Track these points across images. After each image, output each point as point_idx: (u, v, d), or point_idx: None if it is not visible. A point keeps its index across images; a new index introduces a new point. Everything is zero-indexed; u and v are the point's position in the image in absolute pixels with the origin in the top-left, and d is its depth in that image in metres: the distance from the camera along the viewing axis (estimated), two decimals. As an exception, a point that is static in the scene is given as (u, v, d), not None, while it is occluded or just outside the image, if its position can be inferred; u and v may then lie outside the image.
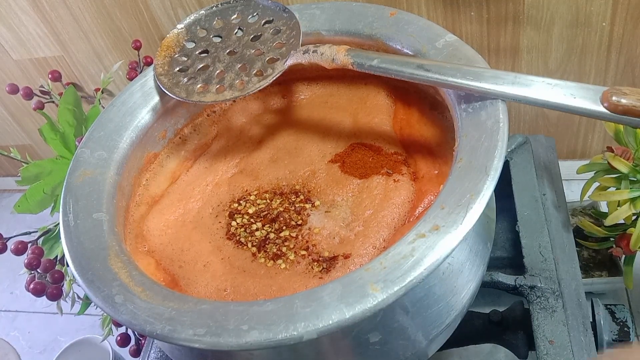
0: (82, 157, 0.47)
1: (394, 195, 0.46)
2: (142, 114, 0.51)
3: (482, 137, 0.38)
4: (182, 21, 0.54)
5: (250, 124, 0.56)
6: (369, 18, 0.50)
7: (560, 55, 0.91)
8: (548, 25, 0.87)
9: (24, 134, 1.34)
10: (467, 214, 0.35)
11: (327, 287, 0.34)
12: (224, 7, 0.54)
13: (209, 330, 0.34)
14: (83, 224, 0.43)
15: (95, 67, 1.12)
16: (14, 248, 0.75)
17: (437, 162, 0.47)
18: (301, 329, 0.33)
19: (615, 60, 0.90)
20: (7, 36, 1.10)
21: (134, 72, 0.92)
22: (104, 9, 1.01)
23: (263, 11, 0.52)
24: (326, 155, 0.51)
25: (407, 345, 0.41)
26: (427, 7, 0.88)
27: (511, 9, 0.86)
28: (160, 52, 0.53)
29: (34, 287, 0.74)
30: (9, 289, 1.26)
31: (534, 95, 0.38)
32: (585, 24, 0.86)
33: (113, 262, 0.40)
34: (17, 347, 1.09)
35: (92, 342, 1.00)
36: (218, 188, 0.51)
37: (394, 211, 0.45)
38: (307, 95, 0.56)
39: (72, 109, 0.82)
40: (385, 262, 0.34)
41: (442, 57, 0.44)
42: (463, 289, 0.42)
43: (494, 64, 0.95)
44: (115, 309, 0.37)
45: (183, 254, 0.47)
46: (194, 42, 0.53)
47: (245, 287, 0.43)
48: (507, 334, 0.54)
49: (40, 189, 0.78)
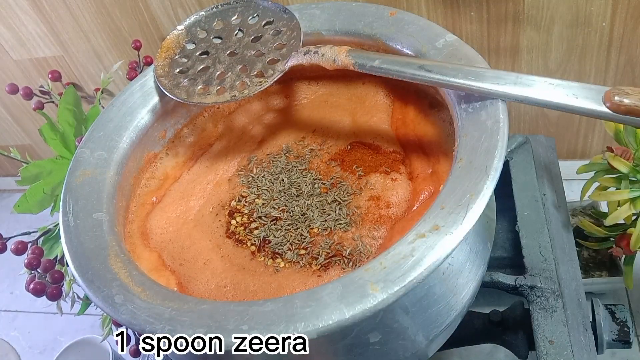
0: (82, 157, 0.47)
1: (392, 194, 0.46)
2: (142, 114, 0.51)
3: (482, 137, 0.38)
4: (182, 22, 0.54)
5: (251, 123, 0.56)
6: (369, 18, 0.50)
7: (560, 55, 0.91)
8: (548, 25, 0.87)
9: (24, 134, 1.34)
10: (467, 214, 0.35)
11: (327, 287, 0.34)
12: (224, 8, 0.54)
13: (209, 330, 0.34)
14: (83, 224, 0.43)
15: (95, 67, 1.12)
16: (14, 248, 0.75)
17: (431, 161, 0.47)
18: (301, 329, 0.33)
19: (615, 60, 0.90)
20: (7, 36, 1.10)
21: (134, 72, 0.92)
22: (103, 8, 1.01)
23: (263, 12, 0.52)
24: (326, 154, 0.51)
25: (407, 345, 0.41)
26: (427, 7, 0.88)
27: (511, 9, 0.86)
28: (161, 53, 0.53)
29: (34, 287, 0.73)
30: (9, 289, 1.26)
31: (536, 96, 0.38)
32: (585, 24, 0.86)
33: (113, 262, 0.40)
34: (17, 347, 1.09)
35: (92, 342, 1.00)
36: (218, 187, 0.51)
37: (392, 210, 0.46)
38: (307, 95, 0.57)
39: (72, 109, 0.82)
40: (385, 262, 0.34)
41: (442, 57, 0.44)
42: (463, 289, 0.42)
43: (494, 64, 0.95)
44: (115, 309, 0.37)
45: (184, 251, 0.47)
46: (194, 44, 0.53)
47: (245, 284, 0.43)
48: (507, 334, 0.54)
49: (40, 189, 0.78)
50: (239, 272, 0.45)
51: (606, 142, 1.03)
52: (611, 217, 0.61)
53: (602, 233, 0.69)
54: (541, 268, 0.54)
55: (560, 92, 0.38)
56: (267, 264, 0.45)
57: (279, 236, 0.46)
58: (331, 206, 0.47)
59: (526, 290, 0.53)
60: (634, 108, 0.36)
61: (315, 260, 0.44)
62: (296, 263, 0.44)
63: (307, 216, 0.46)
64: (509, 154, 0.63)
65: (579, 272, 0.54)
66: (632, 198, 0.60)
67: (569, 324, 0.50)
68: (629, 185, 0.60)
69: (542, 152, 0.65)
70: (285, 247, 0.45)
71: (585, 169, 0.65)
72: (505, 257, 0.64)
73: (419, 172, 0.47)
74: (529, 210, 0.58)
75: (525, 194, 0.59)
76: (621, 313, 0.54)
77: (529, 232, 0.56)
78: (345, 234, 0.45)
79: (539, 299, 0.52)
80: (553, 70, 0.93)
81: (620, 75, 0.92)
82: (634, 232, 0.61)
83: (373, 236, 0.44)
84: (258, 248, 0.46)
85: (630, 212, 0.60)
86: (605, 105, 0.37)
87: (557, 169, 0.63)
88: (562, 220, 0.58)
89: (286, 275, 0.43)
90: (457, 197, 0.36)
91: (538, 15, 0.86)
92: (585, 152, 1.06)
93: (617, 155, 0.60)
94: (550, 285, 0.52)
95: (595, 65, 0.91)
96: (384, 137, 0.51)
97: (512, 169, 0.62)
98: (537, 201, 0.59)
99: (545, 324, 0.50)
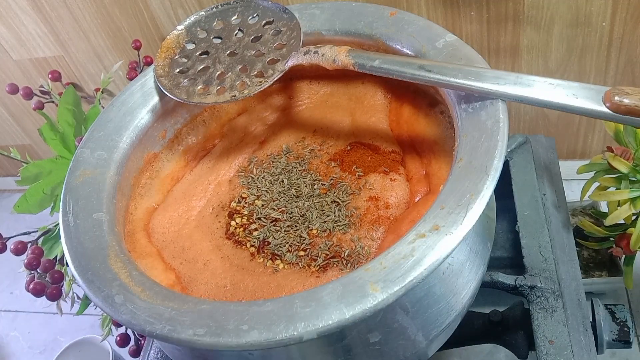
0: (82, 157, 0.47)
1: (391, 195, 0.46)
2: (142, 114, 0.51)
3: (482, 137, 0.38)
4: (182, 22, 0.54)
5: (253, 124, 0.56)
6: (369, 18, 0.50)
7: (560, 55, 0.91)
8: (548, 25, 0.87)
9: (24, 134, 1.34)
10: (467, 214, 0.35)
11: (327, 287, 0.34)
12: (223, 8, 0.54)
13: (209, 330, 0.34)
14: (83, 224, 0.43)
15: (95, 67, 1.12)
16: (13, 248, 0.75)
17: (424, 163, 0.47)
18: (301, 329, 0.33)
19: (615, 60, 0.90)
20: (7, 36, 1.10)
21: (134, 72, 0.92)
22: (103, 8, 1.01)
23: (263, 12, 0.52)
24: (326, 154, 0.51)
25: (407, 345, 0.41)
26: (427, 7, 0.88)
27: (511, 9, 0.86)
28: (161, 53, 0.53)
29: (33, 287, 0.74)
30: (9, 289, 1.26)
31: (536, 96, 0.38)
32: (585, 24, 0.86)
33: (113, 262, 0.40)
34: (17, 347, 1.09)
35: (92, 342, 1.00)
36: (219, 187, 0.51)
37: (391, 211, 0.46)
38: (309, 95, 0.56)
39: (72, 109, 0.82)
40: (385, 262, 0.34)
41: (442, 57, 0.44)
42: (463, 289, 0.42)
43: (494, 64, 0.95)
44: (115, 309, 0.37)
45: (184, 252, 0.47)
46: (194, 44, 0.53)
47: (244, 284, 0.44)
48: (507, 334, 0.54)
49: (40, 189, 0.78)
50: (238, 272, 0.45)
51: (606, 142, 1.03)
52: (611, 217, 0.61)
53: (602, 233, 0.69)
54: (541, 268, 0.54)
55: (560, 92, 0.38)
56: (266, 265, 0.45)
57: (278, 237, 0.46)
58: (330, 207, 0.47)
59: (526, 290, 0.53)
60: (634, 108, 0.36)
61: (314, 261, 0.44)
62: (295, 264, 0.44)
63: (306, 217, 0.46)
64: (509, 154, 0.63)
65: (579, 272, 0.54)
66: (632, 198, 0.60)
67: (569, 324, 0.50)
68: (629, 185, 0.60)
69: (542, 152, 0.65)
70: (284, 248, 0.45)
71: (585, 169, 0.65)
72: (505, 257, 0.64)
73: (414, 174, 0.47)
74: (529, 210, 0.58)
75: (525, 194, 0.59)
76: (621, 313, 0.54)
77: (529, 232, 0.56)
78: (344, 236, 0.45)
79: (539, 299, 0.52)
80: (553, 70, 0.93)
81: (620, 75, 0.92)
82: (634, 232, 0.61)
83: (372, 237, 0.44)
84: (257, 249, 0.46)
85: (630, 212, 0.60)
86: (605, 105, 0.37)
87: (557, 169, 0.63)
88: (562, 220, 0.58)
89: (285, 276, 0.44)
90: (457, 197, 0.36)
91: (538, 15, 0.86)
92: (585, 152, 1.06)
93: (617, 155, 0.60)
94: (550, 285, 0.52)
95: (595, 65, 0.91)
96: (382, 137, 0.51)
97: (512, 169, 0.62)
98: (537, 201, 0.59)
99: (545, 324, 0.50)
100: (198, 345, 0.34)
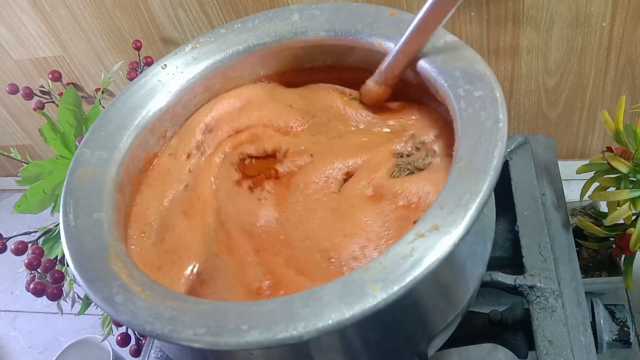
0: (82, 157, 0.47)
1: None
2: (142, 114, 0.51)
3: (482, 137, 0.38)
4: None
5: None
6: (369, 18, 0.50)
7: (560, 55, 0.91)
8: (548, 25, 0.87)
9: (24, 134, 1.34)
10: (467, 214, 0.35)
11: (326, 287, 0.34)
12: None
13: (209, 330, 0.34)
14: (83, 224, 0.43)
15: (95, 67, 1.13)
16: (14, 248, 0.75)
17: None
18: (301, 329, 0.33)
19: (615, 60, 0.90)
20: (7, 36, 1.10)
21: (134, 72, 0.92)
22: (104, 8, 1.01)
23: None
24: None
25: (407, 345, 0.41)
26: (427, 7, 0.88)
27: (511, 9, 0.86)
28: None
29: (34, 287, 0.74)
30: (9, 289, 1.26)
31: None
32: (585, 24, 0.86)
33: (113, 262, 0.40)
34: (17, 347, 1.10)
35: (92, 342, 1.00)
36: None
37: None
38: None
39: (73, 109, 0.83)
40: (385, 262, 0.34)
41: (442, 57, 0.44)
42: (463, 288, 0.42)
43: (493, 64, 0.95)
44: (116, 309, 0.37)
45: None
46: None
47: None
48: (507, 334, 0.54)
49: (40, 189, 0.78)
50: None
51: (606, 142, 1.03)
52: (611, 217, 0.61)
53: (601, 233, 0.69)
54: (541, 268, 0.54)
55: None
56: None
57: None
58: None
59: (526, 290, 0.53)
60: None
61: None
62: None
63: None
64: (508, 154, 0.63)
65: (579, 272, 0.54)
66: (631, 198, 0.60)
67: (569, 324, 0.50)
68: (628, 185, 0.60)
69: (542, 152, 0.65)
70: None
71: (585, 169, 0.65)
72: (505, 257, 0.64)
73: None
74: (528, 210, 0.58)
75: (525, 194, 0.60)
76: (621, 313, 0.54)
77: (529, 232, 0.56)
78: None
79: (538, 299, 0.52)
80: (553, 70, 0.93)
81: (620, 75, 0.92)
82: (634, 232, 0.61)
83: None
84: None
85: (630, 212, 0.60)
86: None
87: (557, 169, 0.63)
88: (561, 220, 0.58)
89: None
90: (457, 197, 0.36)
91: (538, 16, 0.86)
92: (585, 152, 1.06)
93: (616, 155, 0.60)
94: (549, 285, 0.52)
95: (595, 65, 0.91)
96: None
97: (511, 169, 0.62)
98: (537, 201, 0.59)
99: (545, 324, 0.50)
100: (198, 344, 0.34)
